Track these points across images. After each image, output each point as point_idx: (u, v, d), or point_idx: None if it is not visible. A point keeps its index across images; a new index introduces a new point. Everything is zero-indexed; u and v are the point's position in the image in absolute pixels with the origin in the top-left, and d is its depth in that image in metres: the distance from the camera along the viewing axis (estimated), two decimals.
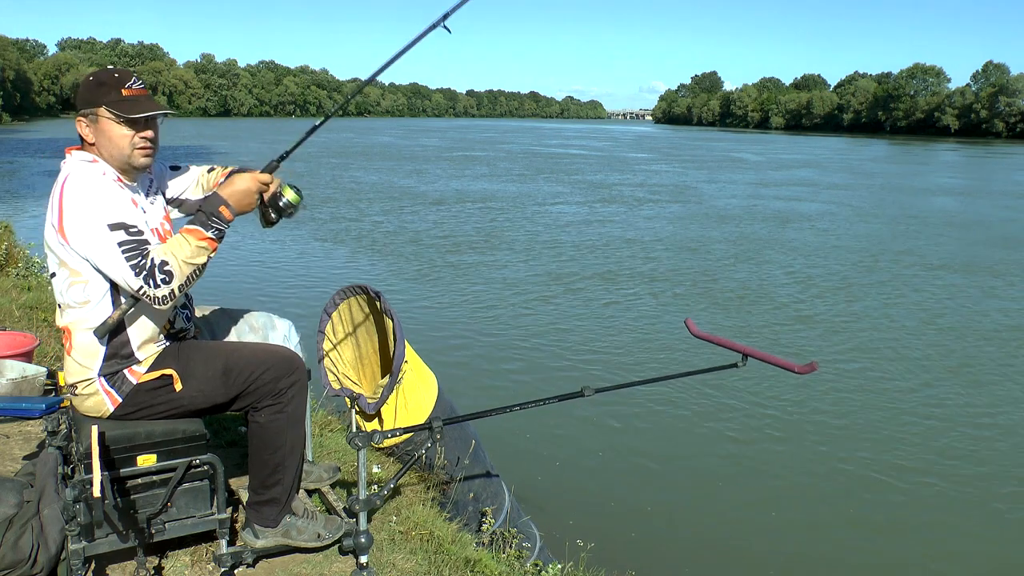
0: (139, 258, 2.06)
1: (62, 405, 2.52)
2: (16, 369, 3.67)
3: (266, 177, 2.30)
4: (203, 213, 2.20)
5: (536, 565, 3.35)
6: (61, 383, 3.66)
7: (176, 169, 2.52)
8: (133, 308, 2.18)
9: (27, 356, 3.91)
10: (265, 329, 2.72)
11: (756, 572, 4.66)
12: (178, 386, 2.23)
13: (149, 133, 2.22)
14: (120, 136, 2.18)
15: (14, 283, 5.94)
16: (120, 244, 2.06)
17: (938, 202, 24.64)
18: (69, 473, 2.30)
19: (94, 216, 2.07)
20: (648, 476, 5.71)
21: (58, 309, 2.24)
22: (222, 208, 2.20)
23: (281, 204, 2.34)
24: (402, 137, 63.49)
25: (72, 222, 2.08)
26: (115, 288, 2.15)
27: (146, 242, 2.10)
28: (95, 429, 2.09)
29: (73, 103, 2.24)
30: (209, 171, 2.55)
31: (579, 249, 14.60)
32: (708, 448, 6.16)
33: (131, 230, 2.08)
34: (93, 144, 2.21)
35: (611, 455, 5.98)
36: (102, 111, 2.16)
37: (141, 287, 2.06)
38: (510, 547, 3.29)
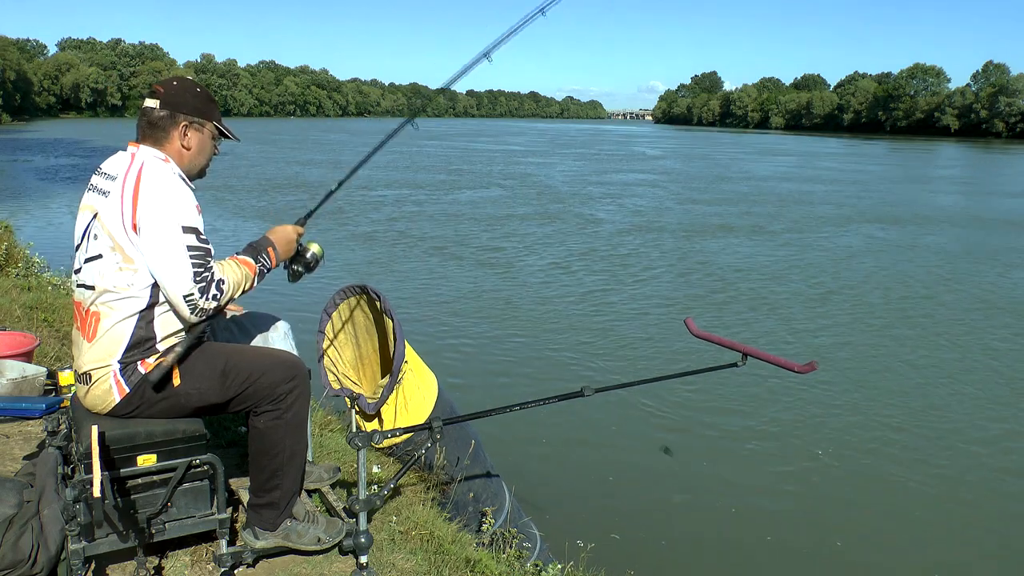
0: (202, 268, 2.13)
1: (62, 405, 2.52)
2: (16, 369, 3.68)
3: (301, 229, 2.52)
4: (253, 248, 2.35)
5: (536, 565, 3.34)
6: (61, 383, 3.68)
7: None
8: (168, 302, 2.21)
9: (27, 356, 3.91)
10: (265, 329, 2.72)
11: (756, 572, 4.66)
12: (176, 381, 2.23)
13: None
14: (209, 149, 2.41)
15: (14, 283, 5.93)
16: (189, 248, 2.12)
17: (932, 200, 24.66)
18: (69, 473, 2.30)
19: (171, 214, 2.12)
20: (648, 476, 5.71)
21: (87, 291, 2.21)
22: (270, 249, 2.39)
23: (308, 256, 2.56)
24: (355, 134, 63.45)
25: (147, 215, 2.12)
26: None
27: (211, 253, 2.18)
28: (95, 429, 2.08)
29: (166, 101, 2.29)
30: None
31: (577, 249, 14.60)
32: (708, 448, 6.16)
33: (201, 237, 2.16)
34: (189, 148, 2.32)
35: (611, 455, 5.98)
36: (211, 126, 2.38)
37: (192, 294, 2.12)
38: (510, 547, 3.29)
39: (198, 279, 2.11)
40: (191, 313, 2.15)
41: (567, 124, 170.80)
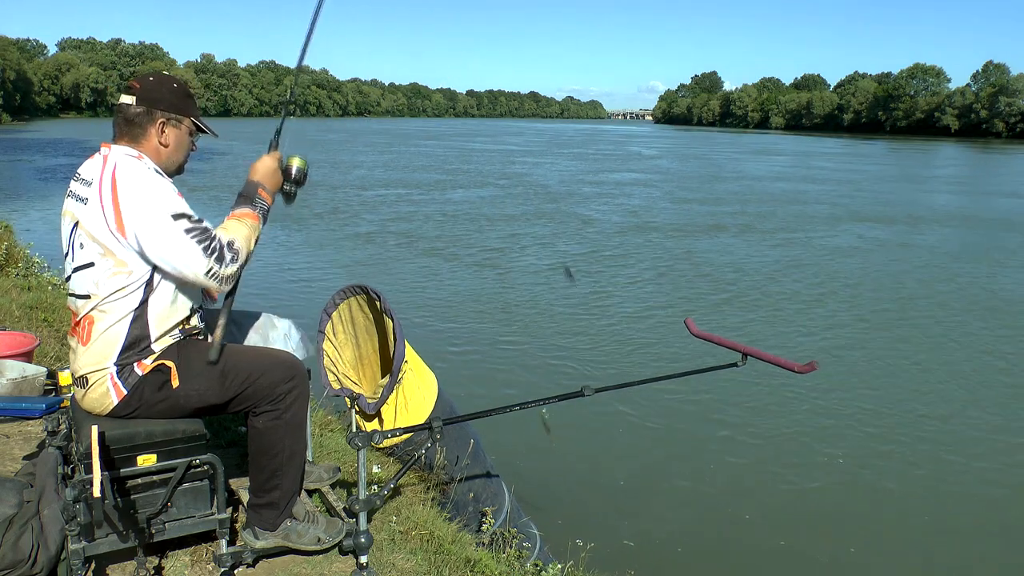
0: (208, 240, 2.13)
1: (62, 405, 2.52)
2: (16, 369, 3.68)
3: (277, 153, 2.46)
4: (245, 197, 2.32)
5: (536, 565, 3.35)
6: (61, 383, 3.68)
7: None
8: (160, 299, 2.21)
9: (27, 356, 3.91)
10: (265, 329, 2.72)
11: (756, 572, 4.66)
12: (175, 382, 2.23)
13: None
14: (187, 145, 2.39)
15: (14, 283, 5.93)
16: (188, 231, 2.12)
17: (928, 199, 24.67)
18: (69, 473, 2.30)
19: (156, 209, 2.11)
20: (648, 476, 5.71)
21: (79, 300, 2.21)
22: (260, 191, 2.34)
23: (294, 173, 2.47)
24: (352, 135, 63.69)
25: (133, 216, 2.11)
26: (150, 280, 2.18)
27: (209, 227, 2.17)
28: (95, 429, 2.08)
29: (142, 97, 2.27)
30: None
31: (577, 249, 14.60)
32: (708, 448, 6.16)
33: (192, 218, 2.15)
34: (166, 145, 2.31)
35: (611, 455, 5.98)
36: (188, 122, 2.36)
37: (211, 268, 2.12)
38: (510, 547, 3.29)
39: (209, 252, 2.12)
40: (220, 285, 2.18)
41: (566, 124, 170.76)
